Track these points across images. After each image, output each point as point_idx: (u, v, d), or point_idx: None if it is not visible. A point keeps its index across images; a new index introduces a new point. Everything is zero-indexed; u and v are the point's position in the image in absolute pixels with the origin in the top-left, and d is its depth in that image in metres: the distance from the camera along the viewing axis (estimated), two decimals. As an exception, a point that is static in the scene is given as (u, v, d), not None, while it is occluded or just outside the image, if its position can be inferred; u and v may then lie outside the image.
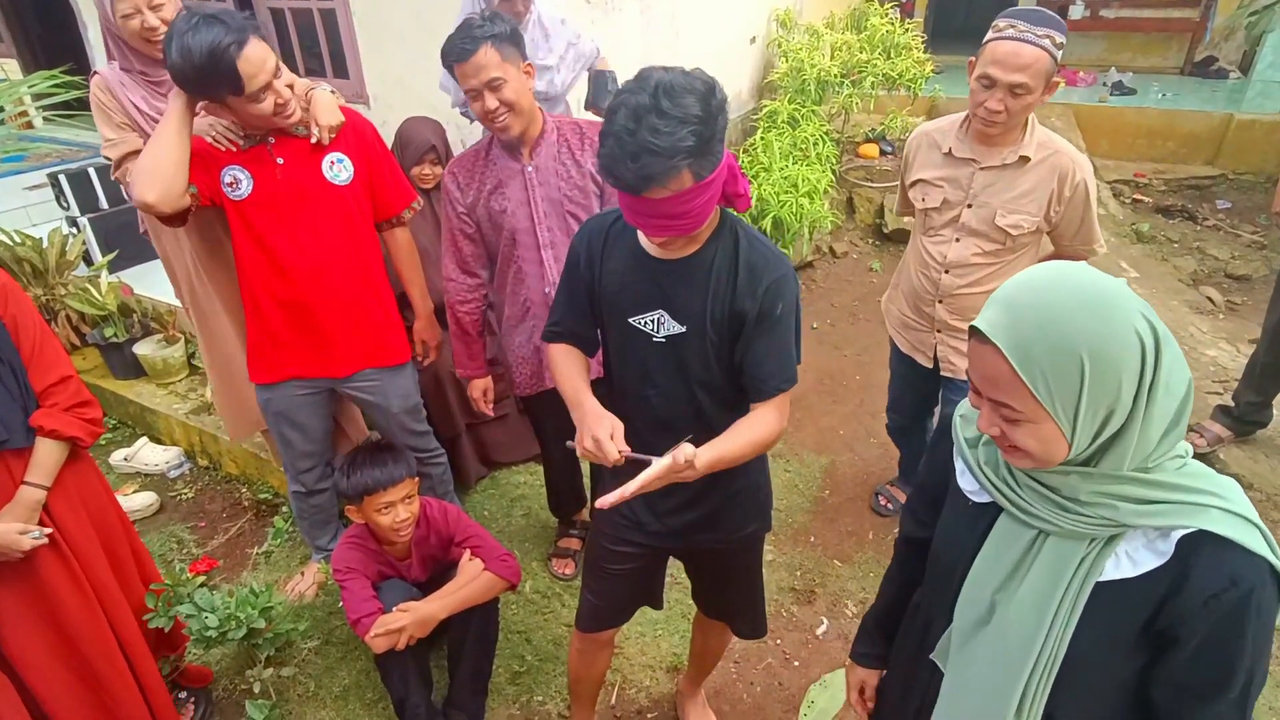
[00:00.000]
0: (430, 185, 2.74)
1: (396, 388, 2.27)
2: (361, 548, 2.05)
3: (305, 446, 2.31)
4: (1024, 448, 0.89)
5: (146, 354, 3.30)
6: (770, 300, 1.35)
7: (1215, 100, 5.64)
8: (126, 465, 3.19)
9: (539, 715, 2.18)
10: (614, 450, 1.29)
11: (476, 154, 2.06)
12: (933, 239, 2.19)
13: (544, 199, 2.01)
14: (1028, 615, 0.95)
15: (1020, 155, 1.97)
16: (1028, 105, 1.85)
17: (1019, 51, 1.79)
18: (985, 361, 0.88)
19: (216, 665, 2.34)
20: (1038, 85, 1.82)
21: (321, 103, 1.99)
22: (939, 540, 1.12)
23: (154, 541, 2.81)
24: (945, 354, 2.29)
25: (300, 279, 2.03)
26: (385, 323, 2.21)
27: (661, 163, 1.13)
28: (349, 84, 4.00)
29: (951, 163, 2.08)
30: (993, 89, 1.85)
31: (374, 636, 1.87)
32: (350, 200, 2.05)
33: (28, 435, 1.62)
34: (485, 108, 1.87)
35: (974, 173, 2.04)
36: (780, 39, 5.13)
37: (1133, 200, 5.12)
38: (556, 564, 2.65)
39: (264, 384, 2.18)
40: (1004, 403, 0.88)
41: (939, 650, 1.13)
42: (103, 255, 3.58)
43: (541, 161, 2.00)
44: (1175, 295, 3.95)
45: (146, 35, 2.01)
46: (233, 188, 1.94)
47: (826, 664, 2.30)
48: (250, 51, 1.70)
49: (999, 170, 2.00)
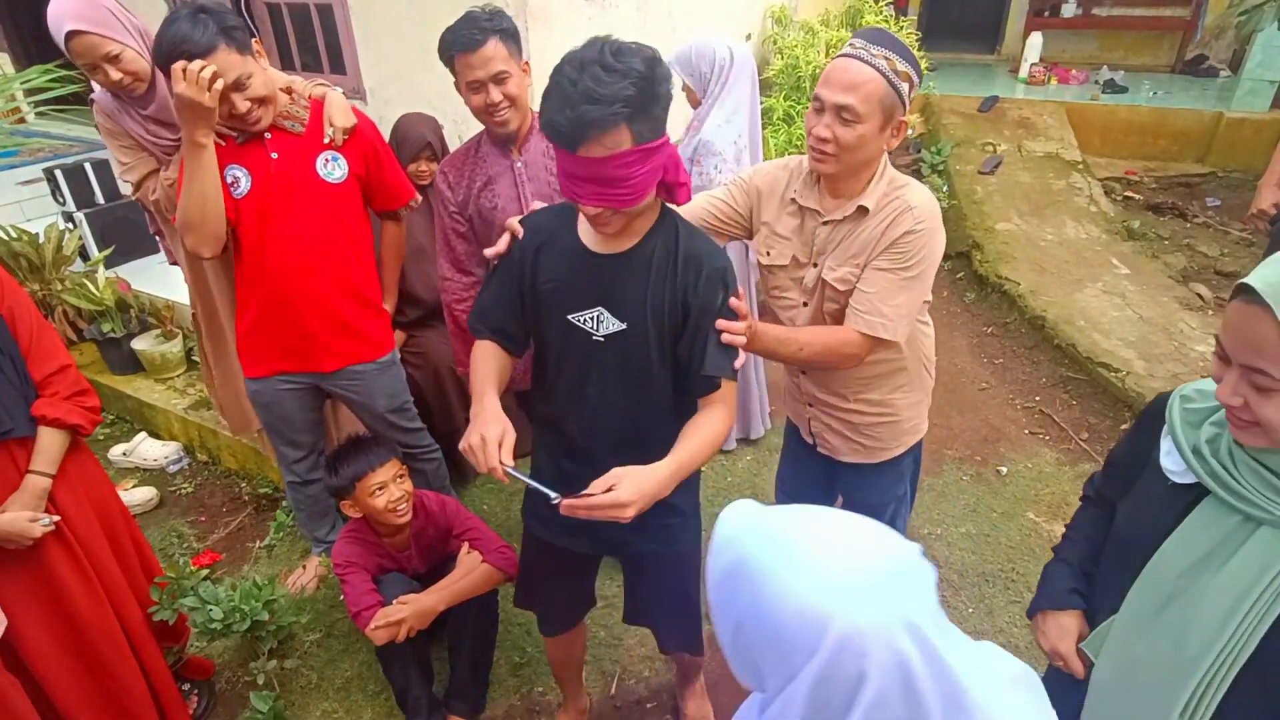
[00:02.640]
0: (426, 182, 2.75)
1: (381, 386, 2.28)
2: (361, 541, 2.07)
3: (295, 436, 2.34)
4: (1268, 421, 0.84)
5: (144, 349, 3.31)
6: (710, 292, 1.36)
7: (1205, 98, 5.70)
8: (125, 460, 3.20)
9: (540, 706, 2.20)
10: (494, 458, 1.28)
11: (467, 151, 2.06)
12: (779, 303, 1.76)
13: (534, 194, 2.01)
14: (1217, 605, 0.89)
15: (859, 206, 1.57)
16: (861, 139, 1.47)
17: (847, 68, 1.46)
18: (1249, 322, 0.82)
19: (218, 658, 2.36)
20: (869, 113, 1.46)
21: (336, 104, 2.02)
22: (1126, 520, 1.07)
23: (155, 536, 2.82)
24: (820, 430, 1.88)
25: (287, 275, 2.04)
26: (371, 321, 2.22)
27: (600, 110, 1.14)
28: (346, 79, 4.00)
29: (795, 212, 1.67)
30: (821, 114, 1.51)
31: (374, 629, 1.89)
32: (342, 198, 2.06)
33: (30, 424, 1.64)
34: (489, 100, 1.87)
35: (816, 227, 1.63)
36: (775, 36, 5.15)
37: (1124, 197, 5.16)
38: None
39: (252, 377, 2.21)
40: (1260, 369, 0.82)
41: (1092, 639, 1.08)
42: (99, 250, 3.58)
43: (530, 157, 2.00)
44: (1165, 291, 3.99)
45: (114, 88, 2.04)
46: (234, 186, 1.96)
47: (822, 654, 2.34)
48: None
49: (838, 224, 1.60)
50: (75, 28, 1.93)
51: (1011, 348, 3.80)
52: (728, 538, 0.70)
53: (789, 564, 0.64)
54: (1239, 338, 0.85)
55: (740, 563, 0.67)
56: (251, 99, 1.83)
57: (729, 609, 0.69)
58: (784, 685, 0.65)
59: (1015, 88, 6.22)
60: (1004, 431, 3.28)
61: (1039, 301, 3.90)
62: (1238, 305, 0.85)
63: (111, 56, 1.99)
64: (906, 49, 1.49)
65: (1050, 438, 3.24)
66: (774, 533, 0.67)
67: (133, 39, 2.03)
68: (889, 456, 1.84)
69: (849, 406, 1.77)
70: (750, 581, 0.66)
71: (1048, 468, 3.07)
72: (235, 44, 1.76)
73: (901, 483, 1.91)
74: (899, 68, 1.46)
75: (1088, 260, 4.26)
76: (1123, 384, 3.30)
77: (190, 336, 3.38)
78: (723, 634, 0.72)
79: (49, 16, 1.95)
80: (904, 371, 1.75)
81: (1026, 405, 3.44)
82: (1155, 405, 1.08)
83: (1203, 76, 6.25)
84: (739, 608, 0.67)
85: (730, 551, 0.69)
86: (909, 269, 1.54)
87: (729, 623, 0.69)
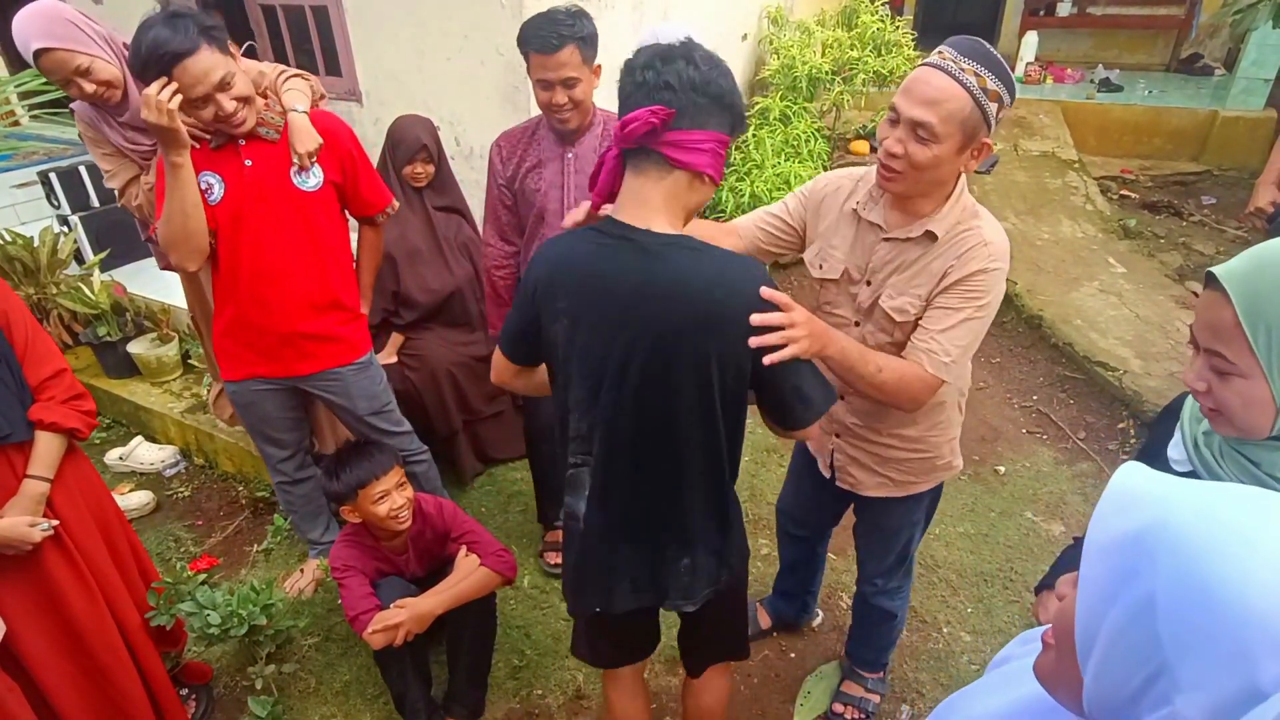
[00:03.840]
0: (423, 184, 2.75)
1: (360, 387, 2.26)
2: (358, 545, 2.06)
3: (277, 436, 2.33)
4: (1227, 407, 0.88)
5: (140, 353, 3.30)
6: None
7: (1200, 97, 5.71)
8: (121, 464, 3.18)
9: (539, 709, 2.20)
10: None
11: (524, 131, 2.16)
12: (830, 319, 1.62)
13: (577, 186, 2.09)
14: None
15: (927, 230, 1.45)
16: (935, 160, 1.35)
17: (929, 80, 1.32)
18: (1211, 308, 0.87)
19: (216, 662, 2.35)
20: (948, 133, 1.32)
21: (297, 130, 1.99)
22: None
23: (151, 540, 2.81)
24: (843, 464, 1.76)
25: (261, 280, 2.03)
26: (347, 325, 2.20)
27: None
28: (341, 81, 4.00)
29: (854, 224, 1.56)
30: (896, 126, 1.38)
31: (372, 633, 1.88)
32: (315, 206, 2.05)
33: (27, 429, 1.63)
34: (554, 101, 1.96)
35: (876, 243, 1.52)
36: (771, 36, 5.15)
37: (1119, 196, 5.17)
38: (549, 557, 2.66)
39: (229, 379, 2.21)
40: (1218, 352, 0.87)
41: None
42: (94, 253, 3.57)
43: (582, 150, 2.09)
44: (1161, 290, 4.00)
45: (89, 100, 2.04)
46: (208, 193, 1.94)
47: (822, 655, 2.34)
48: (192, 63, 1.71)
49: (901, 244, 1.49)
50: (42, 45, 1.93)
51: (1008, 347, 3.80)
52: (1140, 495, 0.58)
53: (1248, 547, 0.51)
54: (1202, 322, 0.90)
55: (1160, 527, 0.55)
56: (237, 98, 1.82)
57: (1130, 579, 0.55)
58: (1218, 687, 0.51)
59: (1011, 87, 6.22)
60: (1002, 431, 3.29)
61: (1036, 300, 3.90)
62: (1205, 292, 0.90)
63: (82, 70, 1.99)
64: (1001, 64, 1.33)
65: (1048, 437, 3.25)
66: (1214, 505, 0.55)
67: (100, 48, 2.03)
68: (916, 491, 1.74)
69: (883, 440, 1.67)
70: (1181, 553, 0.53)
71: (1046, 467, 3.07)
72: (216, 44, 1.75)
73: (921, 510, 1.83)
74: (989, 86, 1.31)
75: (1084, 259, 4.27)
76: (1120, 383, 3.31)
77: (186, 339, 3.37)
78: (1097, 608, 0.57)
79: (15, 36, 1.95)
80: (942, 406, 1.64)
81: (1024, 404, 3.45)
82: (1175, 402, 1.13)
83: (1198, 75, 6.26)
84: (1155, 580, 0.53)
85: (1144, 511, 0.56)
86: (979, 309, 1.43)
87: (1128, 595, 0.55)
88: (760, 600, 2.44)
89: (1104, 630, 0.56)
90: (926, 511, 1.85)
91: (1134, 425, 3.20)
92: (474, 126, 3.70)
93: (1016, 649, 0.83)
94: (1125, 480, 0.60)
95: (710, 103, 1.19)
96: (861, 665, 2.16)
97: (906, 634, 2.37)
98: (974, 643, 2.36)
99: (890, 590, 1.96)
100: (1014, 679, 0.74)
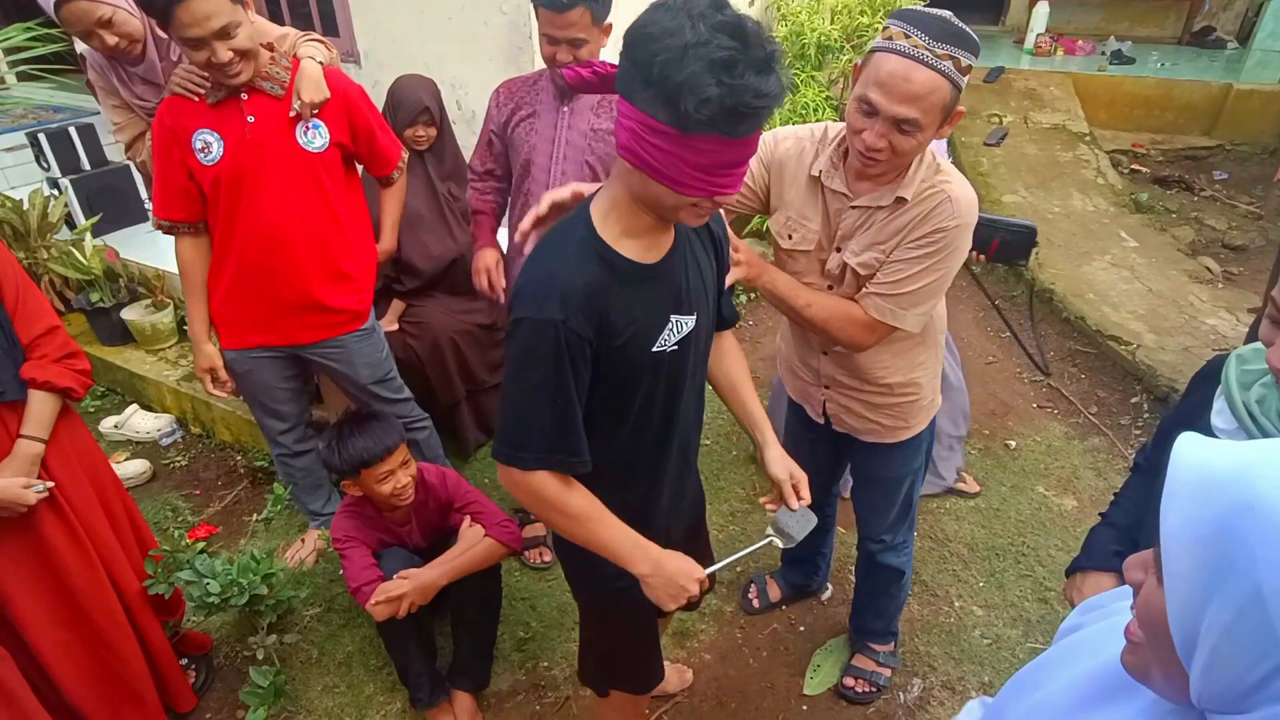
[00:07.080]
0: (424, 146, 2.66)
1: (363, 355, 2.21)
2: (360, 516, 2.01)
3: (276, 407, 2.27)
4: None
5: (135, 319, 3.22)
6: (720, 224, 1.36)
7: (1213, 70, 5.62)
8: (117, 433, 3.13)
9: (545, 681, 2.17)
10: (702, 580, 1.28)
11: (527, 80, 2.17)
12: None
13: (567, 141, 2.08)
14: None
15: (897, 196, 1.45)
16: (919, 145, 1.36)
17: (909, 76, 1.28)
18: None
19: (216, 633, 2.31)
20: (932, 121, 1.32)
21: (306, 76, 1.89)
22: None
23: (149, 509, 2.76)
24: (836, 412, 1.80)
25: (261, 246, 1.95)
26: (350, 294, 2.13)
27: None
28: (339, 42, 3.88)
29: (817, 191, 1.54)
30: (873, 119, 1.34)
31: (375, 604, 1.84)
32: (321, 167, 1.96)
33: (20, 388, 1.58)
34: (559, 58, 1.94)
35: (843, 210, 1.51)
36: (779, 3, 5.02)
37: (1130, 170, 5.10)
38: (530, 556, 2.53)
39: (227, 348, 2.14)
40: None
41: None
42: (86, 217, 3.47)
43: (579, 106, 2.08)
44: (1174, 265, 3.95)
45: (111, 53, 2.00)
46: (204, 153, 1.86)
47: (831, 629, 2.31)
48: (195, 4, 1.63)
49: (871, 211, 1.49)
50: None
51: (1019, 321, 3.75)
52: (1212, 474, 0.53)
53: None
54: None
55: (1247, 510, 0.50)
56: (235, 50, 1.73)
57: (1226, 572, 0.51)
58: None
59: (1021, 59, 6.12)
60: (1012, 405, 3.24)
61: (1046, 274, 3.85)
62: None
63: (104, 21, 1.95)
64: (971, 38, 1.30)
65: (1059, 411, 3.20)
66: None
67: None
68: (909, 435, 1.78)
69: (871, 389, 1.71)
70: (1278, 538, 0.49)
71: (1057, 441, 3.03)
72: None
73: (919, 455, 1.85)
74: (963, 64, 1.30)
75: (1095, 233, 4.21)
76: (1133, 357, 3.26)
77: (181, 306, 3.29)
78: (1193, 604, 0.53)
79: None
80: (920, 347, 1.69)
81: (1034, 379, 3.40)
82: (1208, 368, 1.12)
83: (1210, 48, 6.17)
84: (1257, 572, 0.49)
85: (1223, 494, 0.51)
86: (934, 261, 1.45)
87: (1228, 590, 0.51)
88: (770, 573, 2.40)
89: (1206, 627, 0.52)
90: (925, 456, 1.89)
91: (1147, 400, 3.15)
92: (476, 89, 3.60)
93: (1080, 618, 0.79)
94: (1189, 457, 0.55)
95: (633, 69, 0.95)
96: (871, 637, 2.13)
97: (917, 607, 2.34)
98: (986, 616, 2.33)
99: (897, 545, 1.96)
100: (1087, 647, 0.70)
